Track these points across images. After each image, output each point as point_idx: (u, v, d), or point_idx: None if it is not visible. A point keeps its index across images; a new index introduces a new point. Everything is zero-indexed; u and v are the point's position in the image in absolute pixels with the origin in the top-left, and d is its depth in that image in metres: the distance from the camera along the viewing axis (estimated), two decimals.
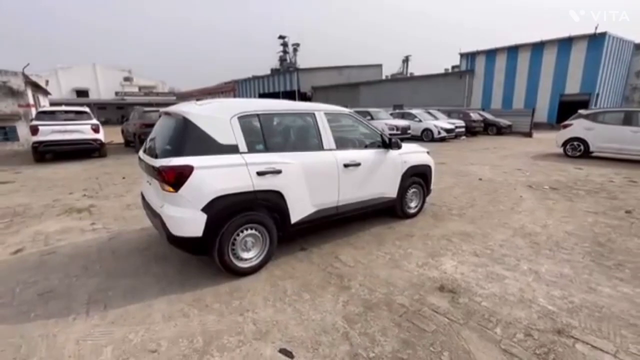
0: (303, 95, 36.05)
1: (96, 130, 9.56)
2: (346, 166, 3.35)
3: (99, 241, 3.65)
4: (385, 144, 3.84)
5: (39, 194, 5.72)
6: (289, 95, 36.05)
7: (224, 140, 2.68)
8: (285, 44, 48.82)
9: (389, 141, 3.83)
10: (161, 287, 2.67)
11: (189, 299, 2.50)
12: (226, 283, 2.71)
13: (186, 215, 2.51)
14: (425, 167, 4.41)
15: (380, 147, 3.83)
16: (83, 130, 9.35)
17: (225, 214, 2.63)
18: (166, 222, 2.55)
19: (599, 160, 9.02)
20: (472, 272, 2.89)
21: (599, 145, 8.98)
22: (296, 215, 3.04)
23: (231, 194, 2.62)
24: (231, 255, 2.73)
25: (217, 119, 2.72)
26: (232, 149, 2.70)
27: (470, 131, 16.59)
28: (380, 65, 40.44)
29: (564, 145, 9.69)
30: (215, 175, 2.58)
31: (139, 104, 27.68)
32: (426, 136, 14.61)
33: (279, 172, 2.84)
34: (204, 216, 2.53)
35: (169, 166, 2.47)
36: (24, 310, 2.37)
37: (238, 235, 2.75)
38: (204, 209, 2.53)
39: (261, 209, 2.86)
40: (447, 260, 3.11)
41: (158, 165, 2.53)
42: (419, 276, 2.82)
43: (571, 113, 10.50)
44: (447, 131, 14.45)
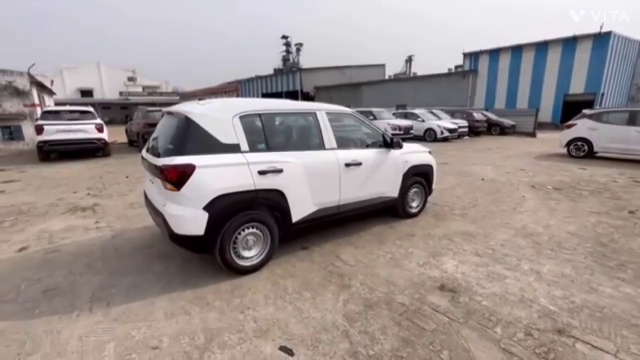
0: (306, 95, 36.04)
1: (100, 129, 9.65)
2: (347, 165, 3.36)
3: (102, 239, 3.69)
4: (386, 144, 3.84)
5: (44, 193, 5.78)
6: (292, 95, 36.07)
7: (226, 139, 2.70)
8: (288, 44, 48.73)
9: (390, 141, 3.84)
10: (163, 285, 2.70)
11: (190, 296, 2.52)
12: (227, 281, 2.73)
13: (188, 213, 2.54)
14: (427, 167, 4.41)
15: (381, 146, 3.84)
16: (87, 130, 9.44)
17: (227, 212, 2.65)
18: (168, 220, 2.58)
19: (603, 160, 8.96)
20: (473, 271, 2.89)
21: (603, 145, 8.91)
22: (297, 214, 3.06)
23: (233, 193, 2.64)
24: (232, 254, 2.75)
25: (219, 118, 2.74)
26: (234, 148, 2.71)
27: (473, 131, 16.52)
28: (383, 65, 40.35)
29: (567, 145, 9.63)
30: (217, 174, 2.60)
31: (143, 104, 27.87)
32: (429, 136, 14.58)
33: (280, 171, 2.85)
34: (205, 215, 2.55)
35: (171, 165, 2.49)
36: (28, 307, 2.41)
37: (239, 234, 2.77)
38: (206, 208, 2.55)
39: (262, 207, 2.87)
40: (448, 260, 3.11)
41: (160, 164, 2.55)
42: (420, 275, 2.83)
43: (575, 113, 10.43)
44: (450, 131, 14.41)
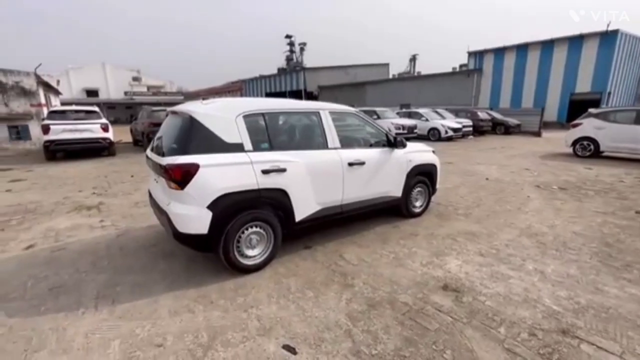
0: (310, 94, 36.04)
1: (105, 129, 9.74)
2: (351, 165, 3.36)
3: (107, 238, 3.72)
4: (390, 143, 3.84)
5: (50, 192, 5.84)
6: (296, 94, 36.10)
7: (230, 138, 2.71)
8: (291, 44, 48.71)
9: (394, 140, 3.83)
10: (167, 284, 2.72)
11: (194, 295, 2.54)
12: (231, 280, 2.74)
13: (192, 212, 2.55)
14: (430, 166, 4.39)
15: (385, 146, 3.83)
16: (93, 130, 9.53)
17: (231, 211, 2.66)
18: (172, 219, 2.60)
19: (609, 160, 8.86)
20: (476, 271, 2.87)
21: (609, 144, 8.81)
22: (300, 213, 3.06)
23: (236, 192, 2.65)
24: (236, 253, 2.76)
25: (222, 118, 2.75)
26: (238, 148, 2.72)
27: (477, 130, 16.42)
28: (387, 65, 40.23)
29: (573, 144, 9.53)
30: (221, 174, 2.61)
31: (148, 104, 28.06)
32: (433, 135, 14.50)
33: (283, 170, 2.86)
34: (209, 214, 2.56)
35: (175, 164, 2.51)
36: (35, 304, 2.44)
37: (243, 233, 2.78)
38: (210, 207, 2.56)
39: (266, 207, 2.88)
40: (451, 260, 3.09)
41: (165, 163, 2.57)
42: (423, 275, 2.82)
43: (581, 112, 10.31)
44: (454, 130, 14.33)
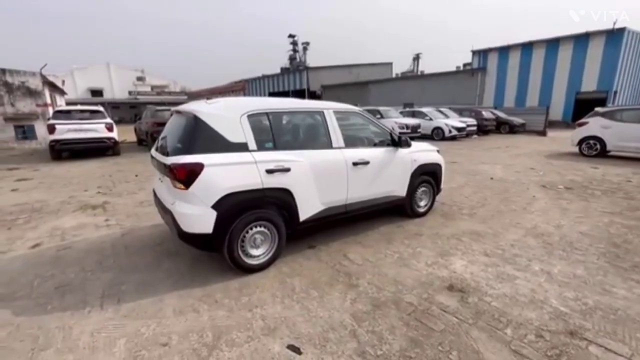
0: (313, 93, 36.02)
1: (110, 129, 9.79)
2: (355, 164, 3.35)
3: (112, 237, 3.74)
4: (394, 143, 3.82)
5: (56, 191, 5.89)
6: (299, 94, 36.10)
7: (234, 138, 2.71)
8: (294, 43, 48.65)
9: (398, 140, 3.81)
10: (172, 283, 2.72)
11: (199, 294, 2.55)
12: (235, 279, 2.75)
13: (196, 212, 2.56)
14: (435, 166, 4.37)
15: (389, 145, 3.81)
16: (97, 129, 9.59)
17: (235, 211, 2.66)
18: (177, 218, 2.60)
19: (616, 159, 8.76)
20: (482, 271, 2.85)
21: (616, 144, 8.70)
22: (305, 213, 3.06)
23: (240, 192, 2.65)
24: (240, 252, 2.76)
25: (227, 117, 2.75)
26: (242, 147, 2.72)
27: (482, 130, 16.31)
28: (390, 64, 40.10)
29: (579, 144, 9.44)
30: (225, 173, 2.61)
31: (152, 103, 28.12)
32: (437, 135, 14.43)
33: (287, 170, 2.86)
34: (214, 213, 2.56)
35: (180, 164, 2.51)
36: (41, 303, 2.46)
37: (247, 233, 2.78)
38: (214, 206, 2.56)
39: (270, 206, 2.88)
40: (456, 260, 3.07)
41: (169, 163, 2.57)
42: (428, 275, 2.80)
43: (587, 111, 10.21)
44: (458, 130, 14.24)
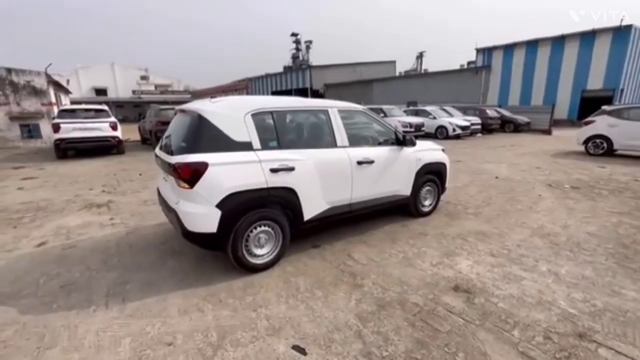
0: (315, 92, 35.98)
1: (114, 127, 9.83)
2: (359, 163, 3.32)
3: (117, 236, 3.75)
4: (399, 142, 3.79)
5: (61, 190, 5.92)
6: (302, 92, 36.05)
7: (238, 137, 2.70)
8: (297, 42, 48.50)
9: (403, 138, 3.78)
10: (176, 282, 2.72)
11: (203, 293, 2.54)
12: (240, 279, 2.74)
13: (201, 211, 2.55)
14: (440, 165, 4.33)
15: (394, 144, 3.79)
16: (102, 128, 9.63)
17: (239, 210, 2.65)
18: (181, 217, 2.60)
19: (623, 158, 8.65)
20: (488, 272, 2.82)
21: (623, 143, 8.60)
22: (309, 212, 3.04)
23: (245, 191, 2.64)
24: (244, 252, 2.76)
25: (231, 116, 2.74)
26: (246, 146, 2.71)
27: (486, 128, 16.19)
28: (393, 62, 39.94)
29: (585, 142, 9.34)
30: (230, 172, 2.60)
31: (155, 102, 28.21)
32: (440, 133, 14.34)
33: (292, 169, 2.84)
34: (218, 212, 2.56)
35: (184, 163, 2.51)
36: (47, 301, 2.47)
37: (251, 232, 2.78)
38: (218, 206, 2.56)
39: (274, 205, 2.87)
40: (462, 260, 3.05)
41: (174, 162, 2.57)
42: (433, 275, 2.78)
43: (593, 110, 10.10)
44: (462, 128, 14.15)
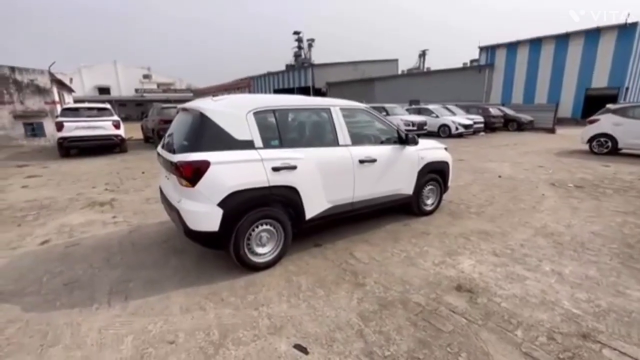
0: (318, 91, 35.94)
1: (117, 126, 9.86)
2: (361, 162, 3.31)
3: (119, 234, 3.76)
4: (401, 140, 3.77)
5: (64, 188, 5.95)
6: (304, 91, 35.99)
7: (240, 135, 2.69)
8: (299, 40, 48.35)
9: (405, 137, 3.76)
10: (179, 280, 2.73)
11: (205, 292, 2.54)
12: (241, 277, 2.74)
13: (203, 209, 2.55)
14: (442, 164, 4.31)
15: (396, 143, 3.77)
16: (105, 127, 9.67)
17: (241, 209, 2.65)
18: (183, 216, 2.60)
19: (627, 157, 8.58)
20: (491, 271, 2.81)
21: (628, 141, 8.53)
22: (311, 211, 3.04)
23: (247, 190, 2.64)
24: (246, 250, 2.75)
25: (233, 114, 2.74)
26: (248, 145, 2.71)
27: (489, 127, 16.09)
28: (395, 60, 39.82)
29: (589, 141, 9.27)
30: (231, 171, 2.60)
31: (158, 101, 28.31)
32: (443, 132, 14.28)
33: (294, 167, 2.83)
34: (220, 211, 2.55)
35: (186, 161, 2.50)
36: (50, 299, 2.48)
37: (253, 231, 2.77)
38: (220, 204, 2.55)
39: (276, 204, 2.86)
40: (464, 259, 3.03)
41: (176, 160, 2.57)
42: (436, 275, 2.77)
43: (598, 108, 10.02)
44: (465, 127, 14.09)
